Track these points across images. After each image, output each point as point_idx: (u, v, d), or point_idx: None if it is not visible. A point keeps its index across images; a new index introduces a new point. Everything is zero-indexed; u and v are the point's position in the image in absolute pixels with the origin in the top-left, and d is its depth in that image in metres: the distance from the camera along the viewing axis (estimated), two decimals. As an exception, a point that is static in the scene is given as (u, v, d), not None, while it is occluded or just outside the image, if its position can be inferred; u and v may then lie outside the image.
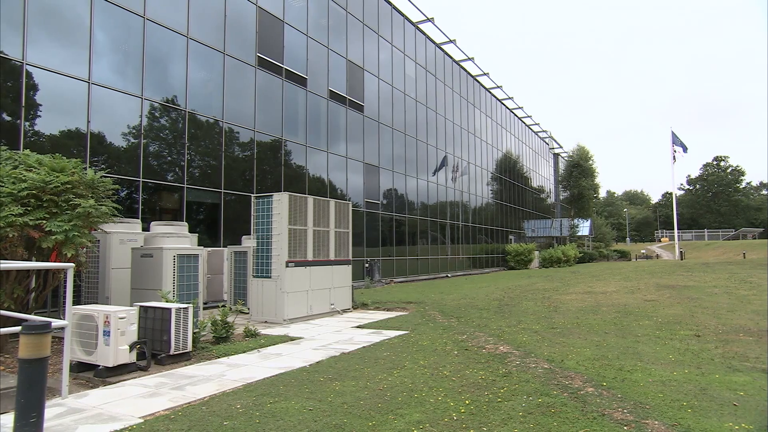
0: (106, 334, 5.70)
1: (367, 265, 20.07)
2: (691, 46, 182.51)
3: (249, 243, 12.17)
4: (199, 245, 9.56)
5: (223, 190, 14.21)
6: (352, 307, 12.01)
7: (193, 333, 7.00)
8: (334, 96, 19.12)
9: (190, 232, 9.90)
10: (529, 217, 43.14)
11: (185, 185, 13.08)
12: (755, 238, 69.95)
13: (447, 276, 26.48)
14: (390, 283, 21.06)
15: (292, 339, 8.17)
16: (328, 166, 18.63)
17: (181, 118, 13.22)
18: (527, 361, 6.23)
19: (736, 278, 16.79)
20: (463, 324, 9.45)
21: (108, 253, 8.76)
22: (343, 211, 11.66)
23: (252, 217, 10.49)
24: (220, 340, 7.72)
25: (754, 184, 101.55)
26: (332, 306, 11.27)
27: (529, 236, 42.74)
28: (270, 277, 10.19)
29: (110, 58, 11.61)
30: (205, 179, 13.78)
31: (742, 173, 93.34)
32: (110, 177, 9.65)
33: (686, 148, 42.42)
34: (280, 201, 10.18)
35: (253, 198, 10.65)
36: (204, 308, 11.34)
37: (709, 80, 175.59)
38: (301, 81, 17.45)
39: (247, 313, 10.69)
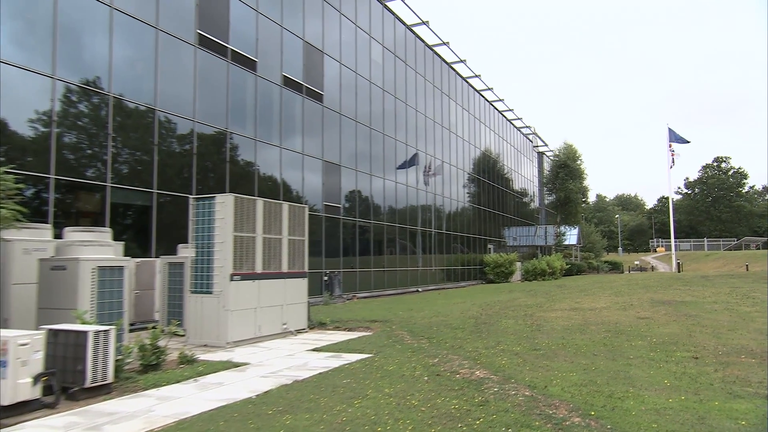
0: (3, 364, 5.41)
1: (326, 278, 19.97)
2: (691, 35, 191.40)
3: (186, 252, 11.90)
4: (125, 255, 9.26)
5: (155, 191, 13.83)
6: (308, 326, 11.93)
7: (116, 361, 6.75)
8: (288, 82, 18.98)
9: (114, 239, 9.59)
10: (510, 224, 43.98)
11: (109, 184, 12.66)
12: (759, 249, 73.30)
13: (417, 290, 26.65)
14: (352, 298, 21.02)
15: (237, 365, 8.01)
16: (281, 163, 18.45)
17: (105, 103, 12.80)
18: (506, 387, 6.29)
19: (738, 293, 17.50)
20: (434, 345, 9.49)
21: (8, 265, 8.35)
22: (298, 216, 11.59)
23: (190, 222, 10.27)
24: (150, 369, 7.49)
25: (758, 188, 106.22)
26: (285, 326, 11.15)
27: (510, 245, 43.55)
28: (211, 293, 10.00)
29: (9, 26, 11.10)
30: (133, 177, 13.37)
31: (745, 176, 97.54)
32: (13, 173, 9.21)
33: (687, 141, 44.17)
34: (224, 204, 10.02)
35: (191, 200, 10.43)
36: (130, 330, 10.96)
37: (710, 73, 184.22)
38: (249, 64, 17.23)
39: (184, 336, 10.41)
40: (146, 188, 13.66)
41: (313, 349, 9.37)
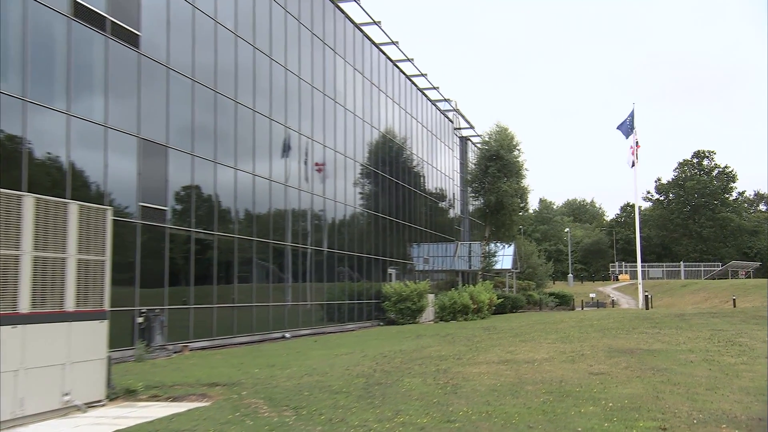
0: None
1: (141, 319, 19.41)
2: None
3: None
4: None
5: None
6: (108, 396, 11.54)
7: None
8: (82, 12, 18.09)
9: None
10: (420, 239, 45.03)
11: None
12: (749, 277, 79.98)
13: (284, 336, 26.51)
14: (183, 350, 20.58)
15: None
16: (69, 139, 17.61)
17: None
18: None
19: (721, 338, 18.80)
20: (304, 420, 9.39)
21: None
22: (95, 224, 11.23)
23: None
24: None
25: (748, 194, 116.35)
26: (67, 397, 10.59)
27: (419, 270, 44.43)
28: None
29: None
30: None
31: (733, 178, 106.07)
32: None
33: (630, 129, 47.24)
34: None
35: None
36: None
37: (691, 42, 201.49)
38: (18, -19, 16.24)
39: None
40: None
41: (113, 433, 8.92)
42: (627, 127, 47.97)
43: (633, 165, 47.68)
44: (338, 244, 32.65)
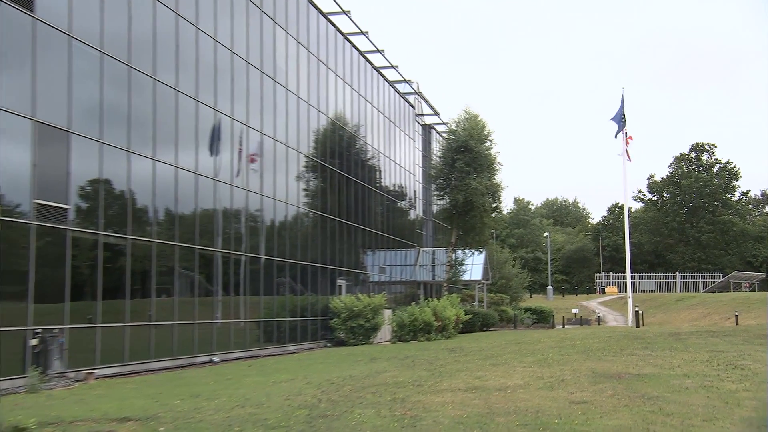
0: None
1: (35, 341, 19.15)
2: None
3: None
4: None
5: None
6: None
7: None
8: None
9: None
10: (376, 245, 45.02)
11: None
12: (754, 290, 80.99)
13: (213, 360, 26.30)
14: (88, 378, 20.34)
15: None
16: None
17: None
18: None
19: (721, 361, 18.97)
20: (231, 463, 9.17)
21: None
22: None
23: None
24: None
25: (754, 194, 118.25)
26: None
27: (375, 280, 44.36)
28: None
29: None
30: None
31: (736, 175, 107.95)
32: None
33: (623, 123, 47.81)
34: None
35: None
36: None
37: (691, 17, 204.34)
38: None
39: None
40: None
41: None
42: (620, 118, 48.36)
43: (628, 158, 48.16)
44: (278, 250, 32.41)
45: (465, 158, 48.09)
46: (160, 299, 24.49)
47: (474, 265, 52.39)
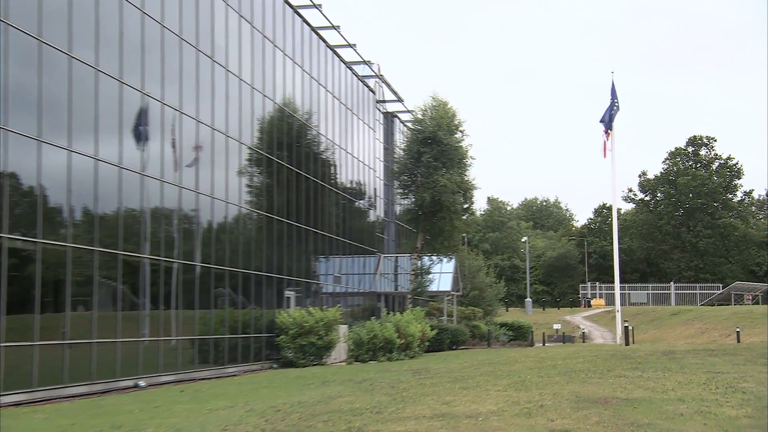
0: None
1: None
2: None
3: None
4: None
5: None
6: None
7: None
8: None
9: None
10: (330, 250, 44.95)
11: None
12: (757, 303, 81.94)
13: (138, 385, 26.01)
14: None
15: None
16: None
17: None
18: None
19: (721, 383, 19.06)
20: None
21: None
22: None
23: None
24: None
25: (758, 195, 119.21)
26: None
27: (329, 291, 44.23)
28: None
29: None
30: None
31: (738, 173, 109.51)
32: None
33: (614, 108, 47.63)
34: None
35: None
36: None
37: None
38: None
39: None
40: None
41: None
42: (609, 114, 48.15)
43: (603, 155, 47.95)
44: (217, 256, 32.17)
45: (432, 151, 48.25)
46: (76, 313, 24.19)
47: (442, 274, 52.61)
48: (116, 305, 26.07)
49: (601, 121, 47.26)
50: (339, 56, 47.66)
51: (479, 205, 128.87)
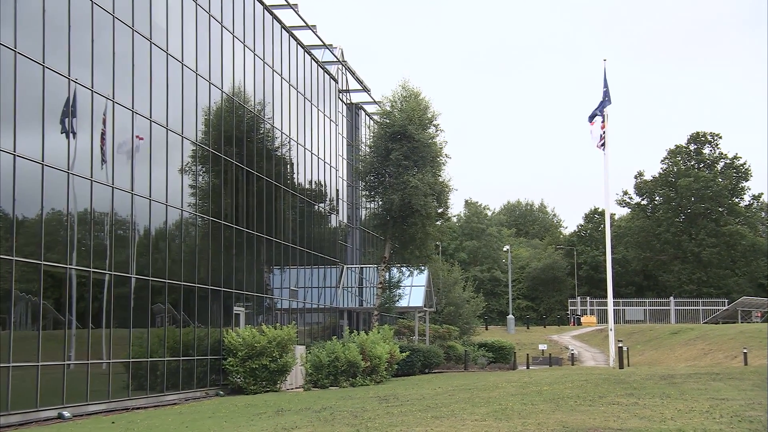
0: None
1: None
2: None
3: None
4: None
5: None
6: None
7: None
8: None
9: None
10: (286, 260, 45.01)
11: None
12: (766, 321, 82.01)
13: (62, 416, 25.76)
14: None
15: None
16: None
17: None
18: None
19: (725, 411, 19.08)
20: None
21: None
22: None
23: None
24: None
25: (766, 199, 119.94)
26: None
27: (284, 307, 44.12)
28: None
29: None
30: None
31: (746, 174, 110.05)
32: None
33: (605, 103, 47.83)
34: None
35: None
36: None
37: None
38: None
39: None
40: None
41: None
42: (602, 101, 48.41)
43: (600, 146, 48.09)
44: (155, 268, 31.96)
45: (402, 148, 48.31)
46: (-11, 334, 23.92)
47: (413, 288, 52.66)
48: (37, 324, 25.72)
49: (597, 113, 47.42)
50: (296, 39, 47.57)
51: (455, 209, 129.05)
